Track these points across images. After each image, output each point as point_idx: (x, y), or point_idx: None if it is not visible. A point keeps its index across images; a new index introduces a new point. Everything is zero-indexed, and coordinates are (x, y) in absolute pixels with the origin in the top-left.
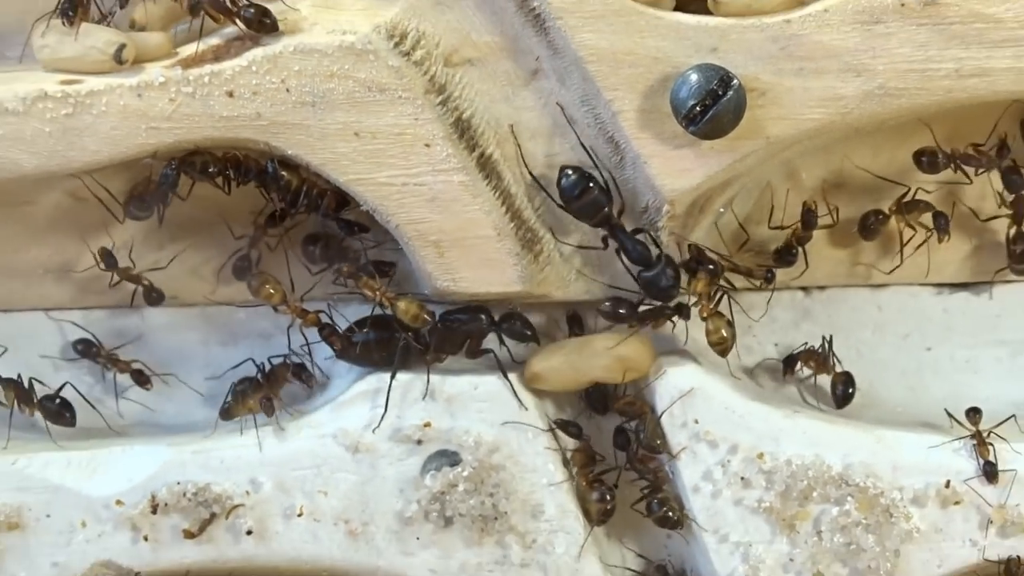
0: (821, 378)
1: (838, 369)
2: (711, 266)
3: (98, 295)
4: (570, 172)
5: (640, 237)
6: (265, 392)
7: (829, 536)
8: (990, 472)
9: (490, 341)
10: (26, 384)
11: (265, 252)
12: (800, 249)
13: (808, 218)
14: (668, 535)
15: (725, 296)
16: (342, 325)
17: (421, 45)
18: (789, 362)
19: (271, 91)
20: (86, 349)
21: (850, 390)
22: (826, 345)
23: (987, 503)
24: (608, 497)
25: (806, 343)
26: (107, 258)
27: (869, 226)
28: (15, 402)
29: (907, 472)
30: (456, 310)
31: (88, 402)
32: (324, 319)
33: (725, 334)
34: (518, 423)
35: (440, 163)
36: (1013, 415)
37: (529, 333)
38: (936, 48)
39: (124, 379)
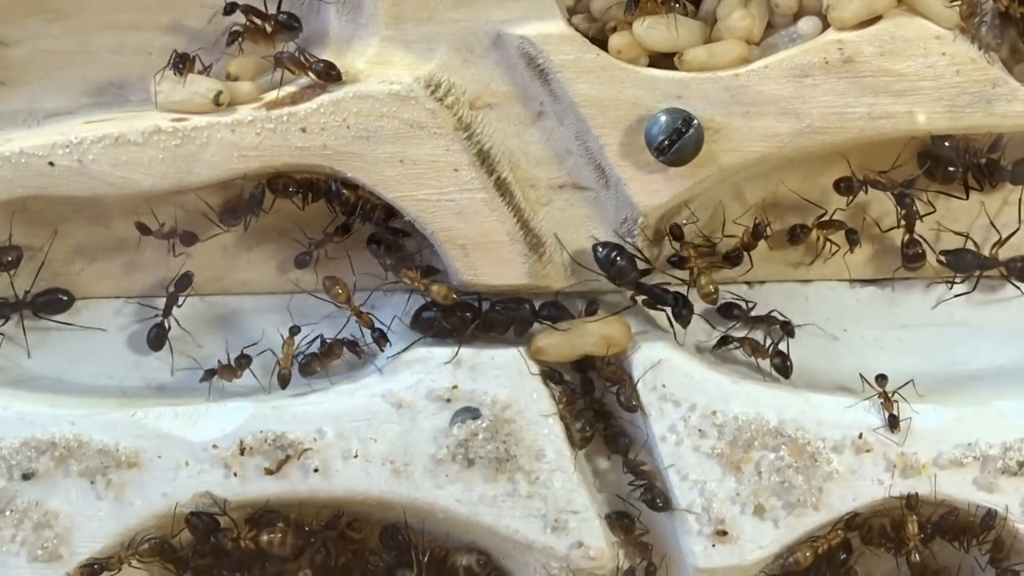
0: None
1: (772, 351)
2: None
3: (200, 284)
4: (600, 248)
5: (659, 285)
6: (325, 358)
7: (767, 476)
8: (893, 423)
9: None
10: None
11: (322, 254)
12: (746, 253)
13: (757, 230)
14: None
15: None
16: (387, 312)
17: (451, 93)
18: (723, 341)
19: (335, 128)
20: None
21: (788, 363)
22: (770, 335)
23: (892, 451)
24: (587, 427)
25: (748, 333)
26: (141, 228)
27: (795, 235)
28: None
29: (828, 426)
30: (505, 300)
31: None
32: (377, 324)
33: (713, 288)
34: (525, 386)
35: (466, 184)
36: (911, 379)
37: (561, 314)
38: (852, 96)
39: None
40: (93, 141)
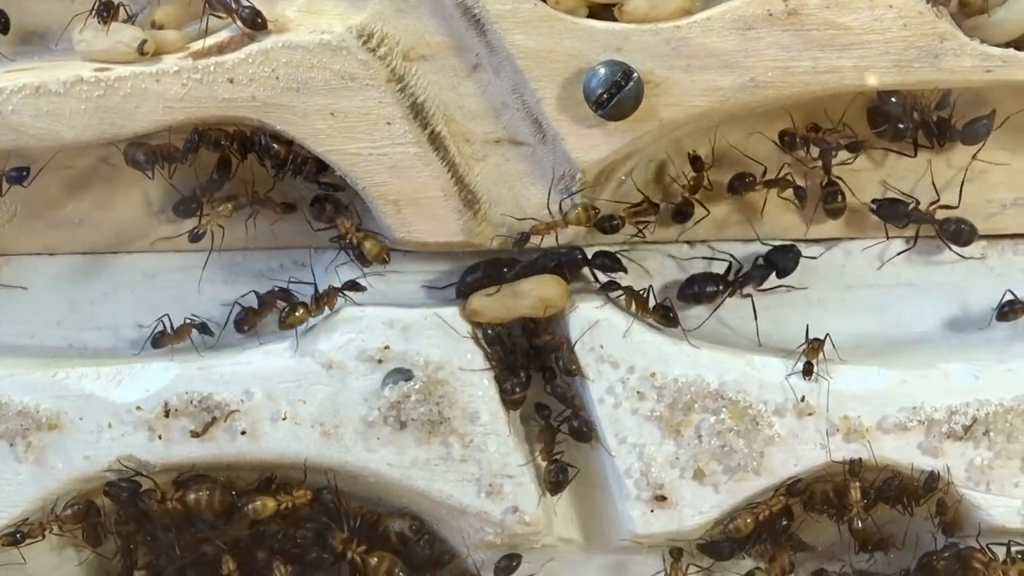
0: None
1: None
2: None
3: (126, 241)
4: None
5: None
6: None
7: (707, 440)
8: (807, 370)
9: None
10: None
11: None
12: (692, 205)
13: (697, 163)
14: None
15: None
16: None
17: (384, 43)
18: (609, 286)
19: (264, 79)
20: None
21: (671, 314)
22: (648, 289)
23: (835, 414)
24: (518, 389)
25: (630, 285)
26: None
27: (735, 187)
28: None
29: (770, 389)
30: (556, 248)
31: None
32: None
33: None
34: (458, 346)
35: (399, 138)
36: (827, 335)
37: (616, 265)
38: (797, 50)
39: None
40: (13, 91)
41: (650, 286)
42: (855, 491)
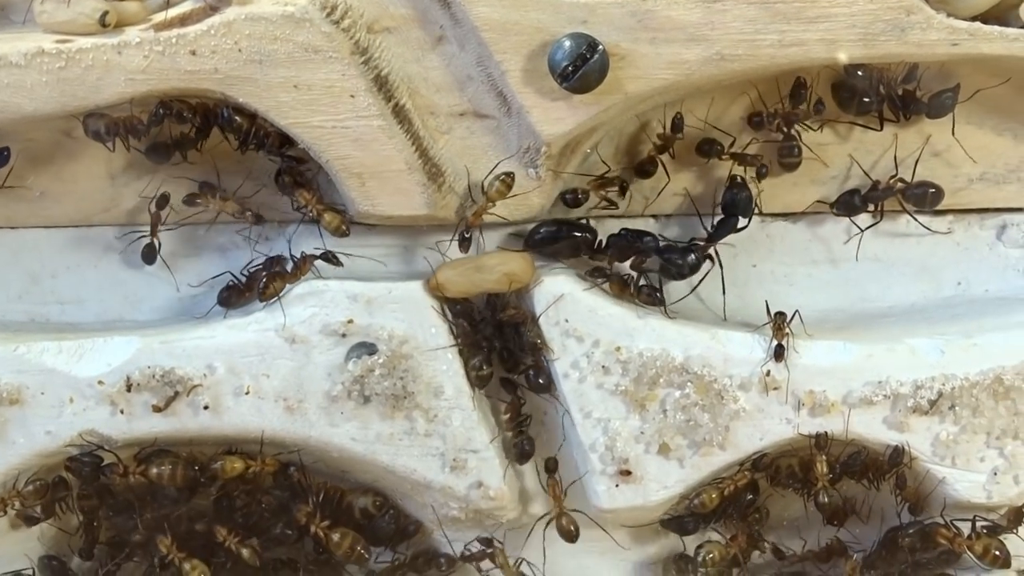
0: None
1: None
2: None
3: (89, 214)
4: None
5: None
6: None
7: (673, 414)
8: (778, 353)
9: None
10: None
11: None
12: (656, 165)
13: (676, 123)
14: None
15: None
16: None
17: (348, 15)
18: (595, 272)
19: (226, 51)
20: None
21: (658, 294)
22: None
23: (800, 388)
24: (483, 365)
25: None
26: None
27: (703, 149)
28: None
29: (736, 363)
30: (634, 230)
31: None
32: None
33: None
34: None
35: (362, 111)
36: (796, 310)
37: (682, 272)
38: (763, 23)
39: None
40: None
41: (634, 271)
42: (821, 465)
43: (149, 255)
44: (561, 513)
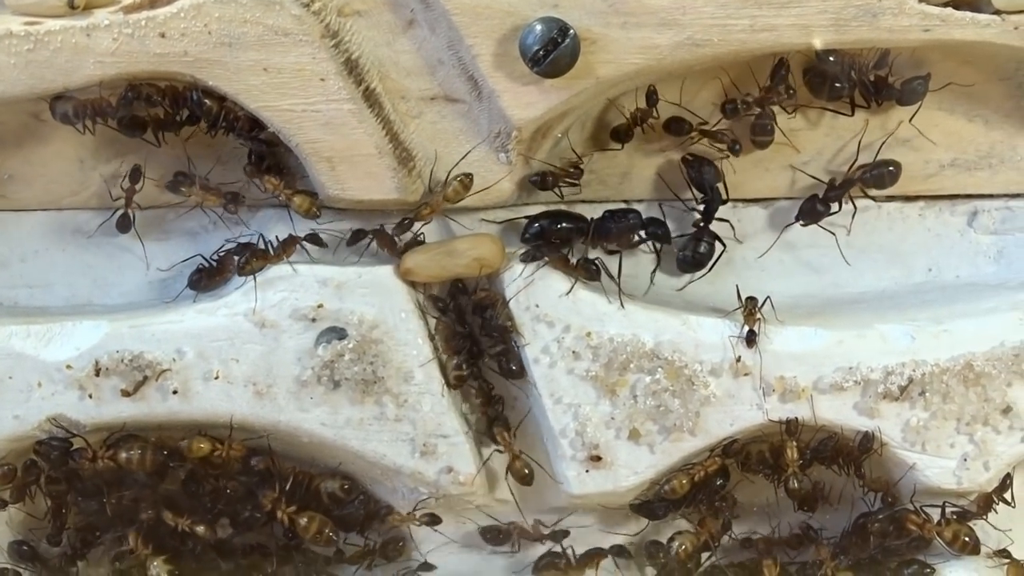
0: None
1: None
2: None
3: (58, 197)
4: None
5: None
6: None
7: (643, 400)
8: (750, 339)
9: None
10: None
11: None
12: (632, 132)
13: (651, 99)
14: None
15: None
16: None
17: None
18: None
19: (196, 33)
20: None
21: (594, 267)
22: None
23: (771, 374)
24: (463, 365)
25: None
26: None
27: (671, 128)
28: None
29: (706, 349)
30: (616, 211)
31: None
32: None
33: None
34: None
35: (333, 94)
36: (768, 297)
37: (702, 262)
38: (734, 8)
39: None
40: None
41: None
42: (791, 450)
43: (124, 224)
44: (515, 457)
